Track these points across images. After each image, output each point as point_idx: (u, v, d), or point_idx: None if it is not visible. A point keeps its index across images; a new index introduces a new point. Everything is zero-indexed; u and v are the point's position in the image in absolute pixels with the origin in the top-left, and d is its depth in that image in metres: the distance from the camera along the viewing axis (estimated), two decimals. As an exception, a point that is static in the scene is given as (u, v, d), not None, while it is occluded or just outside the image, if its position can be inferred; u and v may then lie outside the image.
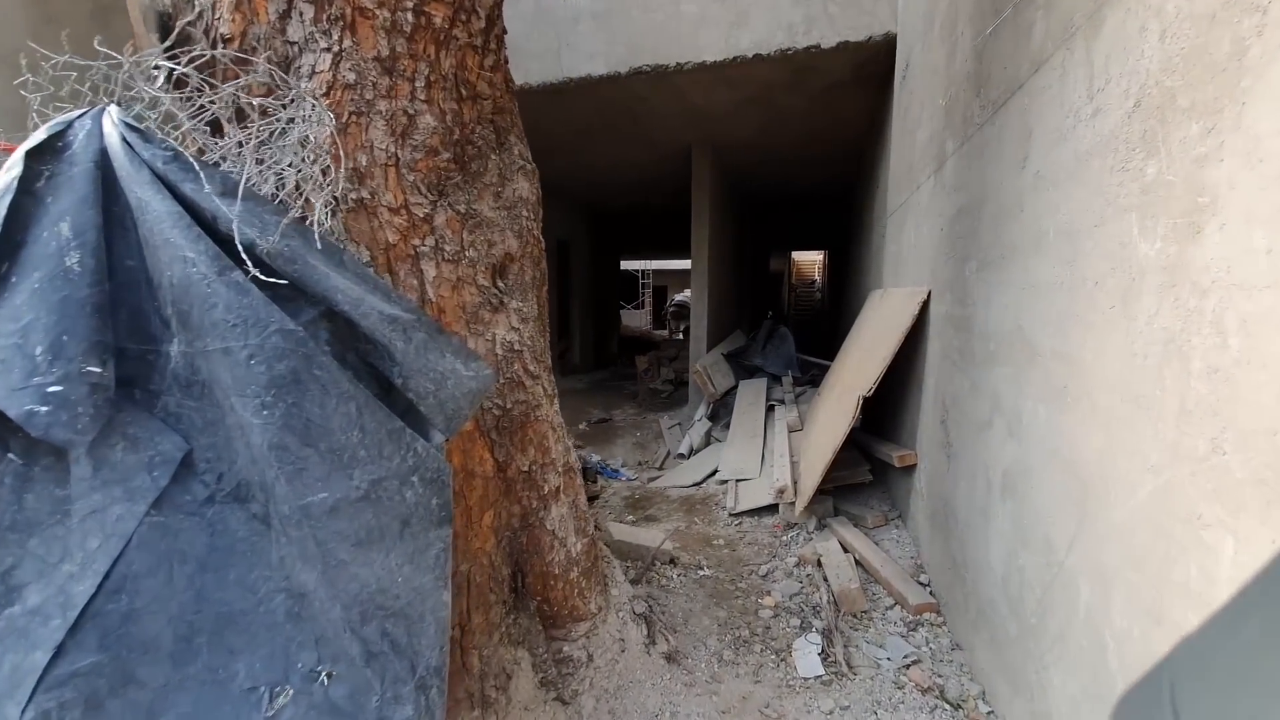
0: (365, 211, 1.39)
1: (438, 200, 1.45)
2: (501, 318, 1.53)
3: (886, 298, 3.72)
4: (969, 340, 2.02)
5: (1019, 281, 1.59)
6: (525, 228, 1.62)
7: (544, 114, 5.62)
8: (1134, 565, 1.03)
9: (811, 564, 2.75)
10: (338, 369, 1.05)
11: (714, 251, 6.95)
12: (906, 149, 3.56)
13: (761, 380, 6.29)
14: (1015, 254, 1.64)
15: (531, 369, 1.58)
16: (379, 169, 1.39)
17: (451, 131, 1.47)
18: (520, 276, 1.60)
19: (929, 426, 2.59)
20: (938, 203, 2.61)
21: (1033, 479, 1.45)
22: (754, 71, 4.62)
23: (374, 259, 1.40)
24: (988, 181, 1.91)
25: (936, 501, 2.39)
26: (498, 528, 1.50)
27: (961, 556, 2.01)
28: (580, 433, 6.24)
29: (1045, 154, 1.49)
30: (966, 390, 2.03)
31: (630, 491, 4.36)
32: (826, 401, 3.95)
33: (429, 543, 1.11)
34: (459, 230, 1.47)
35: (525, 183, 1.65)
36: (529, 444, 1.56)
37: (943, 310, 2.43)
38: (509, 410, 1.51)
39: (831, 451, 2.88)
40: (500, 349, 1.51)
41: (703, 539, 3.12)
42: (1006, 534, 1.61)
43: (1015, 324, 1.61)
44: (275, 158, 1.28)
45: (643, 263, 23.05)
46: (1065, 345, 1.32)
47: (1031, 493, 1.46)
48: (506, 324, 1.54)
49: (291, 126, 1.32)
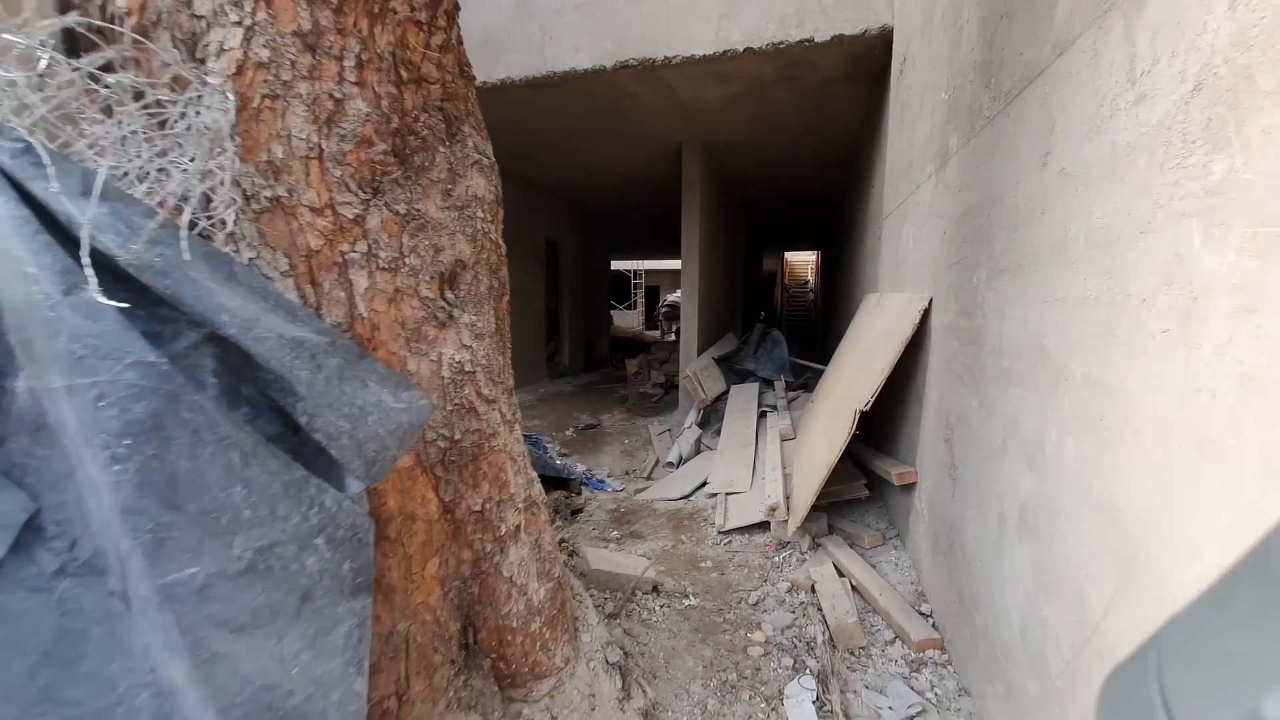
0: (282, 212, 1.18)
1: (371, 199, 1.24)
2: (450, 334, 1.32)
3: (883, 303, 3.53)
4: (978, 355, 1.84)
5: (1040, 294, 1.41)
6: (480, 230, 1.42)
7: (529, 110, 5.41)
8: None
9: (805, 590, 2.56)
10: (216, 409, 0.85)
11: (705, 252, 6.76)
12: (904, 147, 3.38)
13: (753, 385, 6.11)
14: (1035, 262, 1.45)
15: (486, 392, 1.37)
16: (298, 162, 1.18)
17: (388, 119, 1.27)
18: (474, 286, 1.40)
19: (931, 444, 2.40)
20: (940, 204, 2.42)
21: (1059, 522, 1.27)
22: (745, 66, 4.43)
23: (294, 268, 1.19)
24: (1000, 180, 1.72)
25: (939, 526, 2.21)
26: (444, 577, 1.30)
27: (969, 592, 1.83)
28: (566, 439, 6.03)
29: (1073, 149, 1.30)
30: (975, 409, 1.85)
31: (616, 504, 4.16)
32: (820, 412, 3.76)
33: (337, 619, 0.90)
34: (398, 233, 1.27)
35: (481, 180, 1.45)
36: (482, 479, 1.36)
37: (946, 320, 2.25)
38: (458, 441, 1.30)
39: (826, 469, 2.69)
40: (448, 371, 1.30)
41: (689, 561, 2.93)
42: (1025, 578, 1.43)
43: (1036, 342, 1.42)
44: (163, 150, 1.08)
45: (635, 263, 22.86)
46: (1102, 371, 1.13)
47: (1058, 537, 1.27)
48: (456, 341, 1.33)
49: (189, 112, 1.12)
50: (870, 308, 4.08)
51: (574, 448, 5.73)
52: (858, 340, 3.77)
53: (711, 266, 7.33)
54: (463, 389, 1.31)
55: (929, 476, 2.42)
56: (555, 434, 6.21)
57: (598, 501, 4.23)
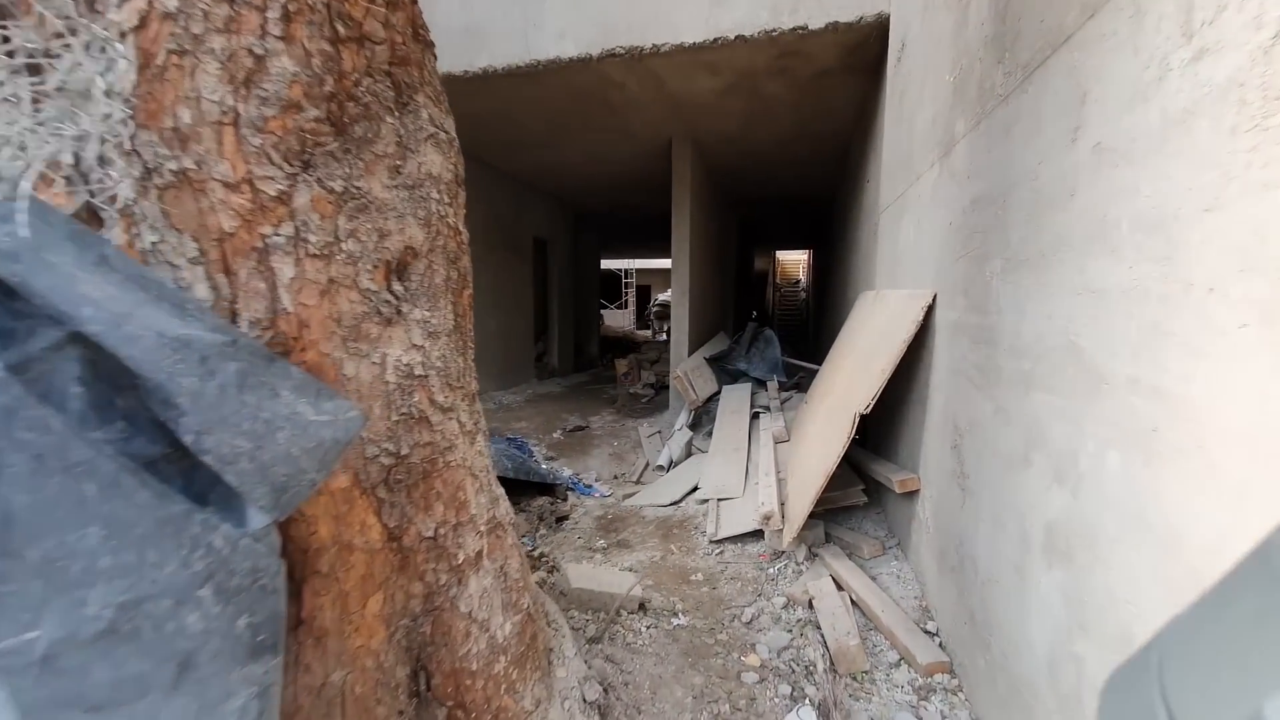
0: (190, 188, 1.00)
1: (300, 173, 1.06)
2: (397, 332, 1.14)
3: (881, 300, 3.38)
4: (992, 355, 1.68)
5: (1071, 285, 1.25)
6: (435, 213, 1.24)
7: (514, 102, 5.22)
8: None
9: (802, 605, 2.40)
10: (69, 427, 0.67)
11: (696, 251, 6.60)
12: (902, 138, 3.23)
13: (745, 386, 5.95)
14: (1063, 250, 1.29)
15: (441, 399, 1.19)
16: (209, 129, 1.00)
17: (321, 81, 1.08)
18: (428, 277, 1.22)
19: (935, 450, 2.25)
20: (944, 193, 2.27)
21: (1100, 547, 1.10)
22: (736, 55, 4.27)
23: (204, 254, 1.01)
24: (1017, 164, 1.56)
25: (947, 539, 2.05)
26: (389, 615, 1.11)
27: (984, 615, 1.67)
28: (554, 442, 5.85)
29: (1111, 121, 1.14)
30: (989, 415, 1.69)
31: (604, 510, 3.99)
32: (816, 414, 3.61)
33: (229, 690, 0.72)
34: (332, 214, 1.08)
35: (438, 156, 1.27)
36: (436, 500, 1.17)
37: (953, 317, 2.09)
38: (405, 457, 1.12)
39: (824, 476, 2.53)
40: (394, 375, 1.12)
41: (679, 573, 2.76)
42: (1054, 608, 1.27)
43: (1065, 340, 1.26)
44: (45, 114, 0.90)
45: (626, 262, 22.69)
46: (1156, 374, 0.97)
47: (1097, 565, 1.11)
48: (405, 340, 1.15)
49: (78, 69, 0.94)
50: (866, 306, 3.93)
51: (561, 450, 5.55)
52: (854, 339, 3.62)
53: (703, 265, 7.17)
54: (412, 396, 1.13)
55: (934, 484, 2.27)
56: (542, 436, 6.02)
57: (584, 508, 4.05)
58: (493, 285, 7.64)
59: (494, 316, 7.71)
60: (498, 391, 7.86)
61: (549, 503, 3.98)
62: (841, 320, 5.74)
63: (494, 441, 4.39)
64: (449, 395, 1.20)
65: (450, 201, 1.28)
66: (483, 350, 7.49)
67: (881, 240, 3.86)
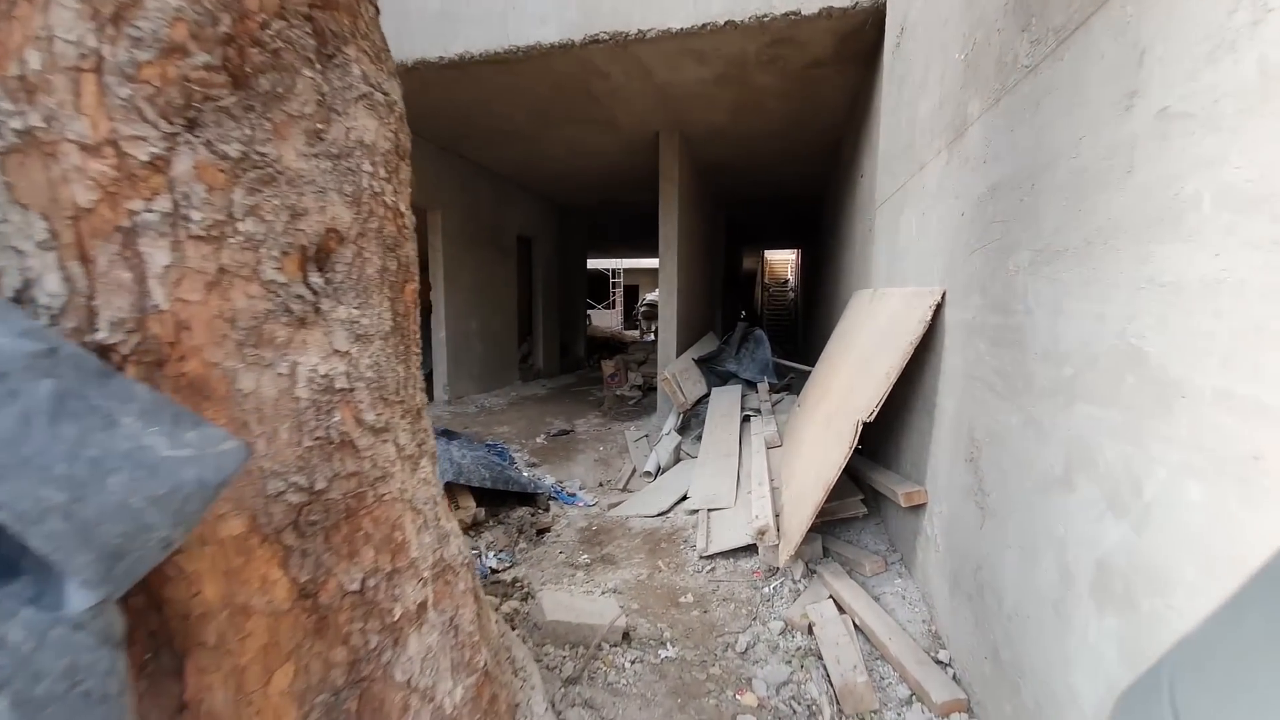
0: (37, 151, 0.77)
1: (182, 134, 0.83)
2: (314, 335, 0.92)
3: (880, 300, 3.20)
4: (1019, 360, 1.49)
5: (1130, 278, 1.05)
6: (368, 190, 1.02)
7: (493, 91, 4.98)
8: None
9: (801, 631, 2.20)
10: None
11: (684, 249, 6.40)
12: (902, 127, 3.05)
13: (736, 388, 5.77)
14: (1118, 237, 1.10)
15: (371, 418, 0.97)
16: (62, 76, 0.78)
17: (215, 20, 0.86)
18: (356, 267, 0.99)
19: (946, 462, 2.06)
20: (955, 182, 2.08)
21: (1174, 595, 0.91)
22: (726, 42, 4.07)
23: (55, 235, 0.79)
24: (1050, 141, 1.37)
25: (961, 562, 1.86)
26: (302, 692, 0.89)
27: (1011, 655, 1.48)
28: (537, 447, 5.61)
29: (1182, 80, 0.95)
30: (1015, 428, 1.50)
31: (587, 522, 3.77)
32: (811, 418, 3.42)
33: None
34: (225, 186, 0.86)
35: (372, 121, 1.04)
36: (364, 543, 0.95)
37: (967, 317, 1.91)
38: (322, 493, 0.90)
39: (823, 489, 2.34)
40: (307, 389, 0.90)
41: (667, 594, 2.55)
42: (1107, 660, 1.07)
43: (1123, 344, 1.07)
44: None
45: (614, 261, 22.47)
46: (1255, 387, 0.78)
47: (1171, 617, 0.92)
48: (324, 345, 0.93)
49: None
50: (862, 305, 3.75)
51: (545, 456, 5.32)
52: (851, 340, 3.43)
53: (691, 263, 6.98)
54: (331, 415, 0.91)
55: (944, 500, 2.08)
56: (525, 441, 5.78)
57: (567, 519, 3.84)
58: (473, 284, 7.38)
59: (475, 316, 7.45)
60: (479, 394, 7.60)
61: (530, 514, 3.76)
62: (833, 320, 5.57)
63: (472, 448, 4.15)
64: (383, 412, 0.98)
65: (388, 176, 1.05)
66: (463, 352, 7.23)
67: (878, 236, 3.68)
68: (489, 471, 3.60)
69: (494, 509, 3.70)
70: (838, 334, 4.17)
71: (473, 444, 4.37)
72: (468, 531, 3.38)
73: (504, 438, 5.80)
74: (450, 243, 6.83)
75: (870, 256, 3.94)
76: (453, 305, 6.93)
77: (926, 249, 2.45)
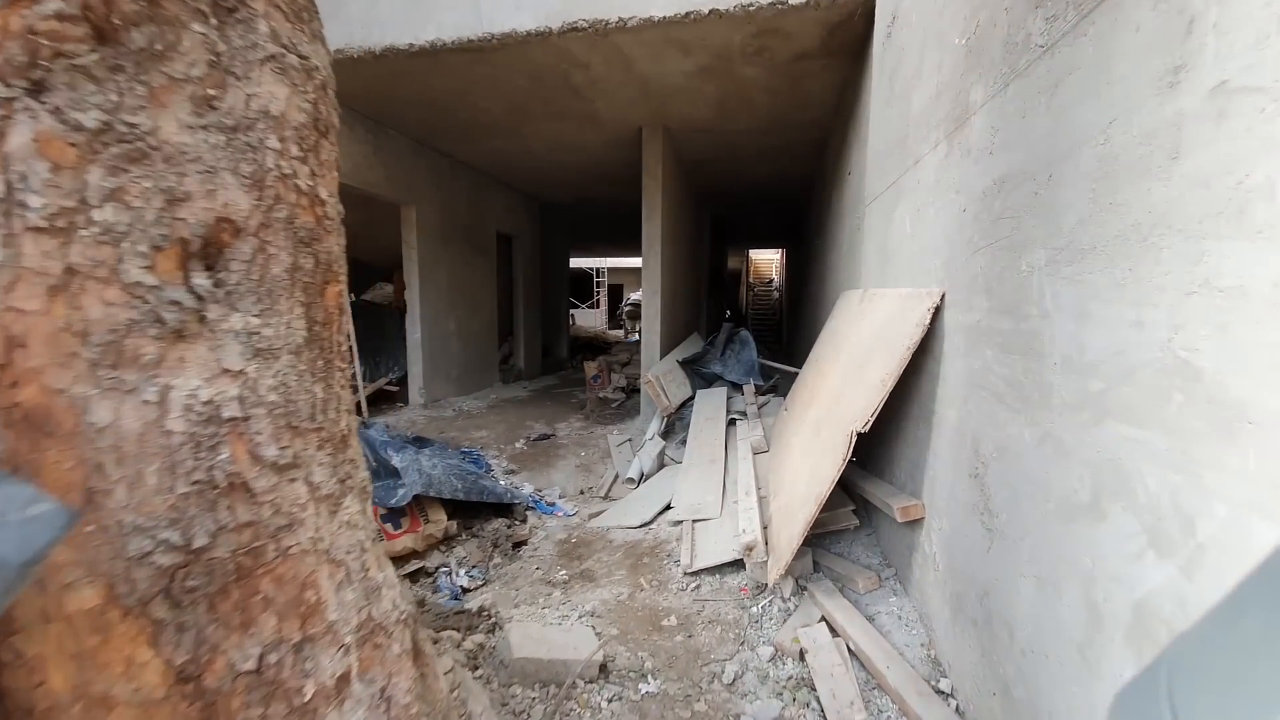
0: None
1: (21, 99, 0.65)
2: (196, 351, 0.73)
3: (871, 301, 3.07)
4: (1034, 370, 1.35)
5: (1179, 281, 0.91)
6: (273, 171, 0.83)
7: (469, 82, 4.77)
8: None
9: (793, 658, 2.05)
10: None
11: (667, 247, 6.24)
12: (895, 120, 2.92)
13: (721, 390, 5.62)
14: (1160, 233, 0.96)
15: (272, 453, 0.79)
16: None
17: (63, -50, 0.67)
18: (257, 266, 0.81)
19: (947, 477, 1.92)
20: (955, 175, 1.95)
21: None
22: (710, 32, 3.91)
23: None
24: (1070, 127, 1.23)
25: (965, 585, 1.73)
26: (183, 800, 0.71)
27: (1024, 693, 1.34)
28: (516, 453, 5.41)
29: (1246, 50, 0.81)
30: (1029, 444, 1.36)
31: (567, 533, 3.59)
32: (800, 424, 3.28)
33: None
34: (77, 164, 0.67)
35: (281, 88, 0.86)
36: (262, 609, 0.77)
37: (971, 320, 1.77)
38: (203, 551, 0.72)
39: (815, 504, 2.19)
40: (183, 420, 0.71)
41: (649, 617, 2.38)
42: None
43: (1168, 356, 0.92)
44: None
45: (598, 260, 22.26)
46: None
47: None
48: (209, 363, 0.75)
49: None
50: (851, 306, 3.62)
51: (524, 463, 5.12)
52: (841, 343, 3.30)
53: (675, 262, 6.82)
54: (217, 451, 0.72)
55: (944, 516, 1.94)
56: (504, 446, 5.58)
57: (545, 530, 3.65)
58: (451, 283, 7.14)
59: (453, 316, 7.22)
60: (457, 397, 7.37)
61: (506, 525, 3.57)
62: (819, 321, 5.45)
63: (445, 456, 3.95)
64: (290, 444, 0.80)
65: (302, 155, 0.87)
66: (440, 354, 6.99)
67: (868, 235, 3.55)
68: (462, 482, 3.41)
69: (467, 521, 3.50)
70: (825, 336, 4.04)
71: (446, 451, 4.16)
72: (438, 546, 3.18)
73: (482, 443, 5.60)
74: (426, 240, 6.59)
75: (859, 256, 3.82)
76: (429, 305, 6.69)
77: (923, 247, 2.31)
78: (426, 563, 3.05)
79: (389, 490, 3.07)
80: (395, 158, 6.04)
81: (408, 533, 3.01)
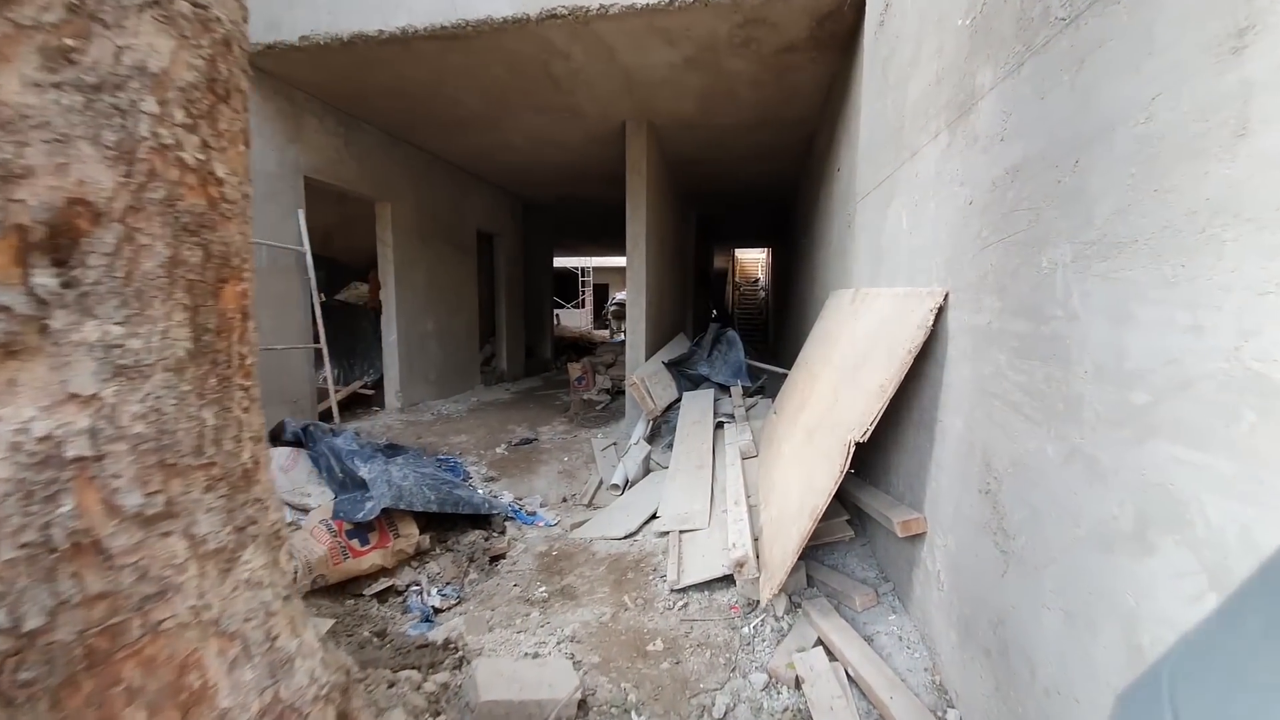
0: None
1: None
2: (32, 370, 0.56)
3: (865, 301, 2.94)
4: (1059, 377, 1.21)
5: (1246, 279, 0.78)
6: (147, 141, 0.66)
7: (444, 73, 4.56)
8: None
9: (788, 685, 1.91)
10: None
11: (653, 246, 6.08)
12: (889, 112, 2.79)
13: (708, 392, 5.48)
14: (1221, 223, 0.82)
15: (134, 501, 0.62)
16: None
17: None
18: (123, 260, 0.64)
19: (952, 489, 1.79)
20: (959, 166, 1.82)
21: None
22: (696, 21, 3.76)
23: None
24: (1102, 105, 1.10)
25: (975, 610, 1.60)
26: None
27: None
28: (496, 459, 5.22)
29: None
30: (1052, 460, 1.23)
31: (548, 545, 3.42)
32: (790, 429, 3.14)
33: None
34: None
35: (165, 40, 0.68)
36: (125, 703, 0.59)
37: (979, 322, 1.64)
38: (39, 634, 0.54)
39: (810, 519, 2.05)
40: (9, 464, 0.54)
41: (633, 641, 2.23)
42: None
43: (1236, 365, 0.79)
44: None
45: (583, 259, 22.05)
46: None
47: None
48: (49, 386, 0.57)
49: None
50: (842, 306, 3.49)
51: (504, 469, 4.93)
52: (833, 345, 3.17)
53: (660, 261, 6.67)
54: (56, 503, 0.55)
55: (949, 532, 1.81)
56: (484, 452, 5.38)
57: (525, 542, 3.48)
58: (429, 282, 6.91)
59: (431, 317, 6.99)
60: (436, 401, 7.15)
61: (483, 538, 3.39)
62: (807, 321, 5.34)
63: (418, 465, 3.75)
64: (164, 488, 0.63)
65: (190, 122, 0.69)
66: (418, 355, 6.76)
67: (859, 232, 3.43)
68: (435, 492, 3.22)
69: (442, 534, 3.32)
70: (816, 337, 3.92)
71: (420, 459, 3.97)
72: (409, 562, 2.99)
73: (461, 448, 5.39)
74: (402, 237, 6.36)
75: (850, 254, 3.70)
76: (405, 305, 6.46)
77: (922, 244, 2.18)
78: (396, 580, 2.86)
79: (355, 504, 2.88)
80: (368, 152, 5.81)
81: (376, 549, 2.82)
